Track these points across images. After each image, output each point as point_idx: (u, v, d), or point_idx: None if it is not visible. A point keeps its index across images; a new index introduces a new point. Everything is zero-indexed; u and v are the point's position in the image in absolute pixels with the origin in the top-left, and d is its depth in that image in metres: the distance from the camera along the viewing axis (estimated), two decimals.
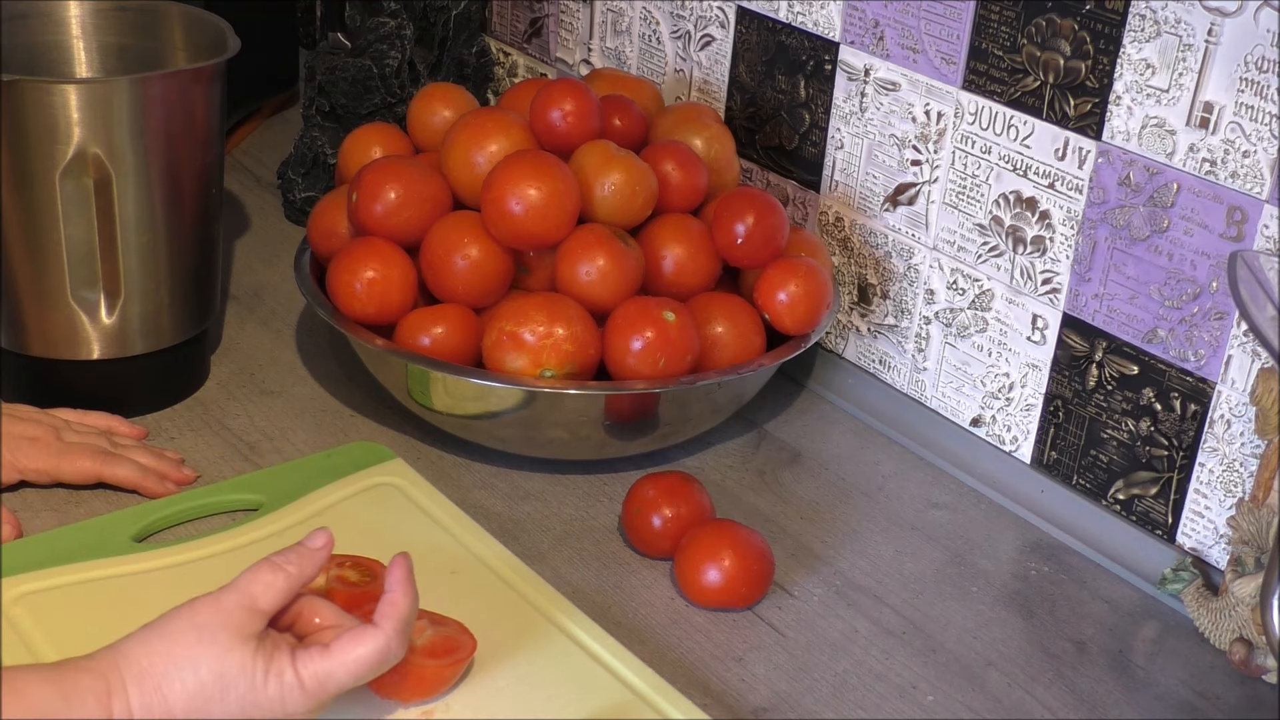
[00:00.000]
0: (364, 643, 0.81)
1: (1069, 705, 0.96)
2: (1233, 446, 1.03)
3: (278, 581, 0.81)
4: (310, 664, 0.80)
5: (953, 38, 1.14)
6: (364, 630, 0.82)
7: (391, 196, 1.15)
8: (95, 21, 1.24)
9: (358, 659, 0.81)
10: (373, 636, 0.81)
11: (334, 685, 0.81)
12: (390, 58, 1.46)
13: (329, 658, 0.80)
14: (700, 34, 1.36)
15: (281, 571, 0.81)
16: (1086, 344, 1.11)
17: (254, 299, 1.37)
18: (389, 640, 0.82)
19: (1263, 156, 0.97)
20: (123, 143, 1.09)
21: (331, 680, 0.80)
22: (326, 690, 0.80)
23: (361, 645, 0.81)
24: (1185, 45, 0.99)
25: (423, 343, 1.12)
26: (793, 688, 0.96)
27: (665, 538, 1.05)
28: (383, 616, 0.82)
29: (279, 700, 0.79)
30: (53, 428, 1.09)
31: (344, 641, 0.81)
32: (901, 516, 1.15)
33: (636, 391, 1.10)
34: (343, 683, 0.81)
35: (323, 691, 0.80)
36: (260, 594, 0.80)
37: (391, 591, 0.84)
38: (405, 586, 0.84)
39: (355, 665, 0.81)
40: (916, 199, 1.20)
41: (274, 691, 0.79)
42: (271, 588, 0.80)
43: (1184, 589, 1.05)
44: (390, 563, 0.86)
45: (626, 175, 1.15)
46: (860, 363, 1.29)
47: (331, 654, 0.81)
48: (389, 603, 0.83)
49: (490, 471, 1.16)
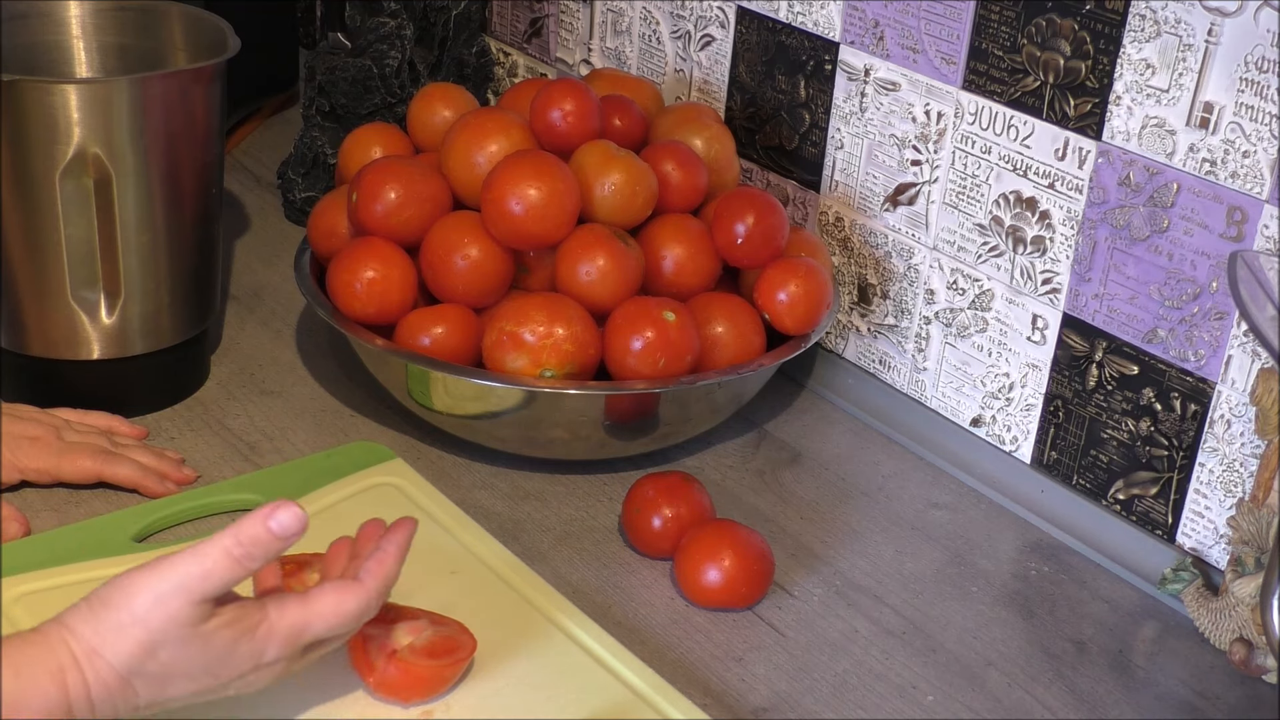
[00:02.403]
0: (345, 596, 0.80)
1: (1069, 705, 0.96)
2: (1233, 446, 1.03)
3: (220, 574, 0.76)
4: (289, 612, 0.79)
5: (953, 38, 1.14)
6: (346, 583, 0.81)
7: (391, 196, 1.15)
8: (95, 21, 1.24)
9: (337, 611, 0.80)
10: (354, 591, 0.80)
11: (310, 635, 0.80)
12: (390, 58, 1.46)
13: (307, 606, 0.79)
14: (700, 34, 1.36)
15: (230, 560, 0.76)
16: (1086, 344, 1.11)
17: (254, 299, 1.37)
18: (369, 597, 0.81)
19: (1263, 156, 0.97)
20: (123, 143, 1.09)
21: (309, 630, 0.79)
22: (302, 639, 0.79)
23: (342, 598, 0.80)
24: (1185, 45, 0.99)
25: (423, 343, 1.12)
26: (793, 688, 0.96)
27: (665, 538, 1.05)
28: (368, 573, 0.81)
29: (254, 654, 0.78)
30: (53, 427, 1.09)
31: (324, 592, 0.80)
32: (901, 516, 1.15)
33: (636, 391, 1.10)
34: (318, 634, 0.80)
35: (299, 640, 0.79)
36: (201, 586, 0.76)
37: (383, 551, 0.83)
38: (399, 551, 0.83)
39: (334, 617, 0.80)
40: (916, 199, 1.20)
41: (246, 649, 0.78)
42: (211, 579, 0.76)
43: (1184, 589, 1.05)
44: (394, 523, 0.85)
45: (626, 175, 1.15)
46: (860, 363, 1.29)
47: (310, 603, 0.80)
48: (378, 560, 0.82)
49: (490, 471, 1.16)
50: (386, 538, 0.84)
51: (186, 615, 0.76)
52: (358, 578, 0.81)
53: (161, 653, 0.76)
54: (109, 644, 0.75)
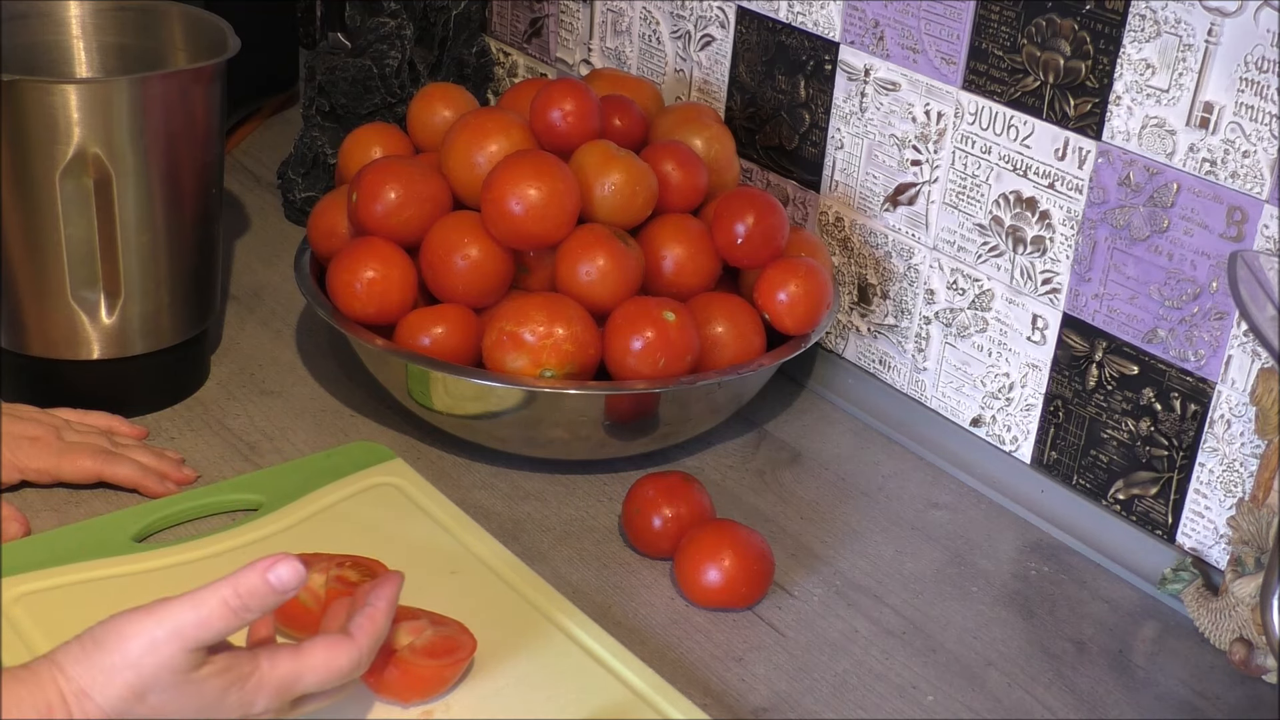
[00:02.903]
0: (337, 651, 0.80)
1: (1069, 705, 0.96)
2: (1233, 446, 1.03)
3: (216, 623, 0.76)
4: (281, 664, 0.79)
5: (953, 38, 1.14)
6: (339, 639, 0.81)
7: (391, 196, 1.15)
8: (95, 21, 1.24)
9: (328, 666, 0.80)
10: (347, 648, 0.81)
11: (301, 688, 0.80)
12: (390, 58, 1.46)
13: (300, 660, 0.80)
14: (700, 34, 1.36)
15: (227, 610, 0.76)
16: (1086, 344, 1.11)
17: (254, 299, 1.37)
18: (361, 653, 0.81)
19: (1263, 156, 0.97)
20: (123, 143, 1.09)
21: (300, 683, 0.80)
22: (293, 691, 0.80)
23: (334, 653, 0.80)
24: (1185, 45, 0.99)
25: (423, 343, 1.12)
26: (793, 688, 0.96)
27: (665, 538, 1.05)
28: (359, 629, 0.82)
29: (243, 705, 0.78)
30: (53, 427, 1.09)
31: (318, 647, 0.80)
32: (901, 516, 1.15)
33: (636, 391, 1.10)
34: (309, 686, 0.80)
35: (289, 692, 0.79)
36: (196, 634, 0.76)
37: (373, 606, 0.83)
38: (389, 605, 0.84)
39: (325, 672, 0.80)
40: (916, 199, 1.20)
41: (235, 699, 0.78)
42: (207, 628, 0.76)
43: (1184, 589, 1.05)
44: (381, 577, 0.86)
45: (626, 175, 1.15)
46: (860, 363, 1.29)
47: (303, 657, 0.80)
48: (368, 617, 0.83)
49: (490, 471, 1.16)
50: (375, 593, 0.84)
51: (179, 662, 0.75)
52: (349, 633, 0.82)
53: (151, 697, 0.75)
54: (99, 686, 0.75)
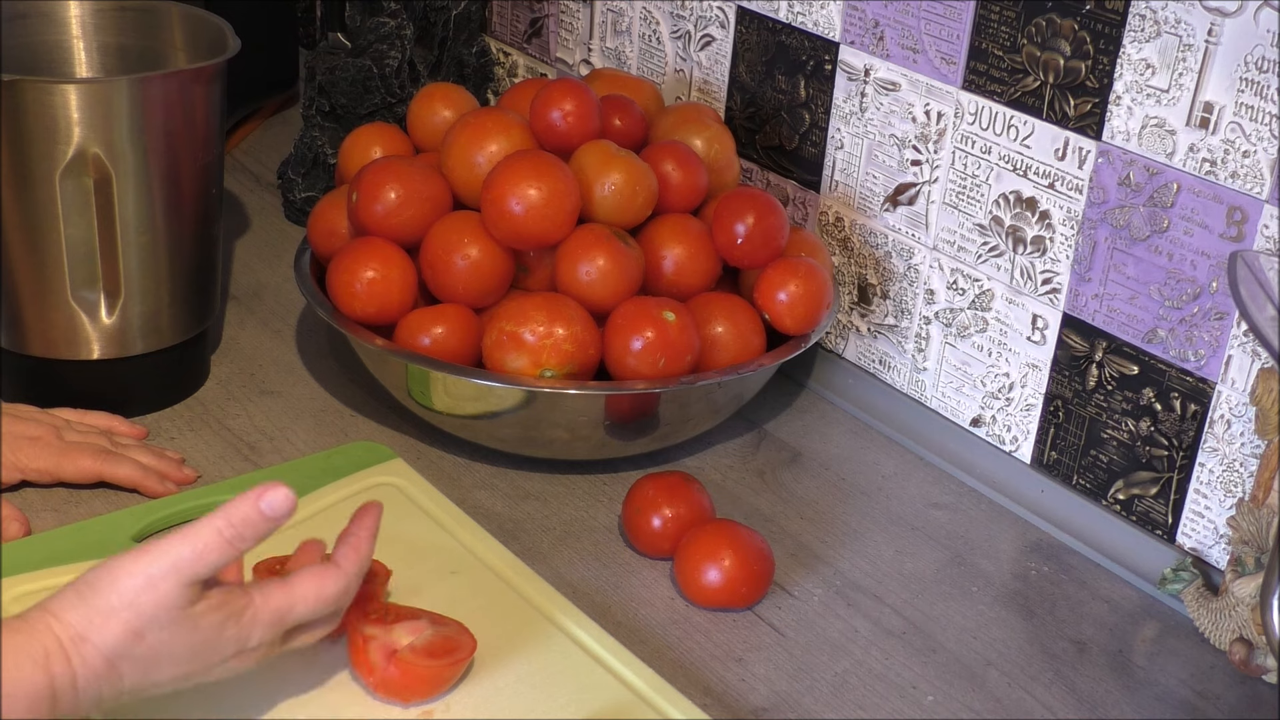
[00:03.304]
0: (325, 579, 0.82)
1: (1069, 705, 0.96)
2: (1233, 446, 1.03)
3: (211, 555, 0.77)
4: (273, 596, 0.81)
5: (953, 38, 1.14)
6: (326, 568, 0.83)
7: (391, 196, 1.15)
8: (95, 21, 1.24)
9: (319, 595, 0.82)
10: (334, 575, 0.83)
11: (293, 618, 0.82)
12: (390, 58, 1.46)
13: (290, 590, 0.82)
14: (700, 34, 1.36)
15: (221, 540, 0.77)
16: (1086, 344, 1.11)
17: (254, 299, 1.37)
18: (349, 579, 0.84)
19: (1263, 156, 0.97)
20: (123, 143, 1.09)
21: (292, 613, 0.81)
22: (285, 622, 0.81)
23: (323, 581, 0.82)
24: (1185, 45, 0.99)
25: (423, 343, 1.12)
26: (793, 688, 0.96)
27: (665, 538, 1.05)
28: (344, 558, 0.84)
29: (239, 639, 0.80)
30: (53, 427, 1.09)
31: (306, 576, 0.82)
32: (901, 516, 1.15)
33: (636, 391, 1.10)
34: (301, 616, 0.82)
35: (282, 623, 0.81)
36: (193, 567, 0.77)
37: (355, 536, 0.86)
38: (370, 534, 0.87)
39: (316, 601, 0.82)
40: (916, 199, 1.20)
41: (232, 633, 0.79)
42: (203, 561, 0.77)
43: (1184, 589, 1.05)
44: (360, 508, 0.89)
45: (626, 175, 1.15)
46: (860, 363, 1.29)
47: (293, 587, 0.82)
48: (352, 546, 0.85)
49: (490, 471, 1.16)
50: (356, 523, 0.87)
51: (175, 598, 0.76)
52: (335, 562, 0.84)
53: (149, 636, 0.76)
54: (96, 628, 0.75)
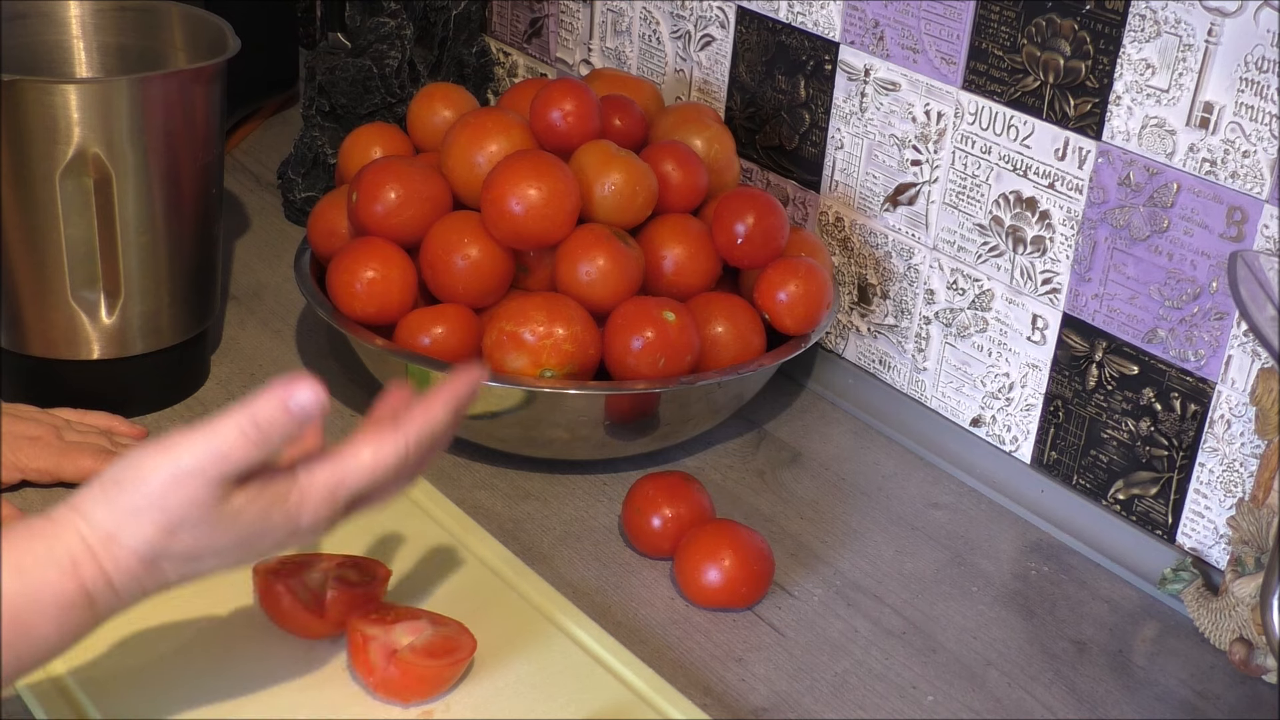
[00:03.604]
0: (381, 444, 0.73)
1: (1069, 705, 0.96)
2: (1233, 446, 1.03)
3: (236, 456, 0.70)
4: (319, 473, 0.73)
5: (953, 38, 1.14)
6: (383, 431, 0.74)
7: (391, 196, 1.15)
8: (95, 21, 1.24)
9: (375, 464, 0.73)
10: (390, 439, 0.73)
11: (346, 492, 0.74)
12: (390, 58, 1.46)
13: (340, 462, 0.73)
14: (700, 34, 1.36)
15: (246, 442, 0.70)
16: (1086, 344, 1.11)
17: (254, 299, 1.38)
18: (406, 445, 0.73)
19: (1263, 156, 0.97)
20: (123, 143, 1.09)
21: (343, 487, 0.73)
22: (339, 497, 0.74)
23: (378, 446, 0.73)
24: (1185, 45, 0.99)
25: (423, 343, 1.12)
26: (793, 688, 0.96)
27: (665, 538, 1.05)
28: (409, 419, 0.74)
29: (288, 523, 0.73)
30: (53, 427, 1.09)
31: (357, 443, 0.74)
32: (901, 516, 1.15)
33: (636, 391, 1.10)
34: (355, 488, 0.74)
35: (335, 499, 0.74)
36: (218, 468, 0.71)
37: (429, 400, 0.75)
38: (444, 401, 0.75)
39: (370, 469, 0.73)
40: (916, 199, 1.20)
41: (279, 519, 0.73)
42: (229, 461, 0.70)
43: (1184, 589, 1.05)
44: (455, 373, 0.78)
45: (626, 175, 1.15)
46: (860, 363, 1.29)
47: (342, 459, 0.73)
48: (422, 408, 0.74)
49: (490, 471, 1.16)
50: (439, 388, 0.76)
51: (205, 496, 0.70)
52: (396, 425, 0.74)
53: (183, 534, 0.71)
54: (125, 528, 0.70)
